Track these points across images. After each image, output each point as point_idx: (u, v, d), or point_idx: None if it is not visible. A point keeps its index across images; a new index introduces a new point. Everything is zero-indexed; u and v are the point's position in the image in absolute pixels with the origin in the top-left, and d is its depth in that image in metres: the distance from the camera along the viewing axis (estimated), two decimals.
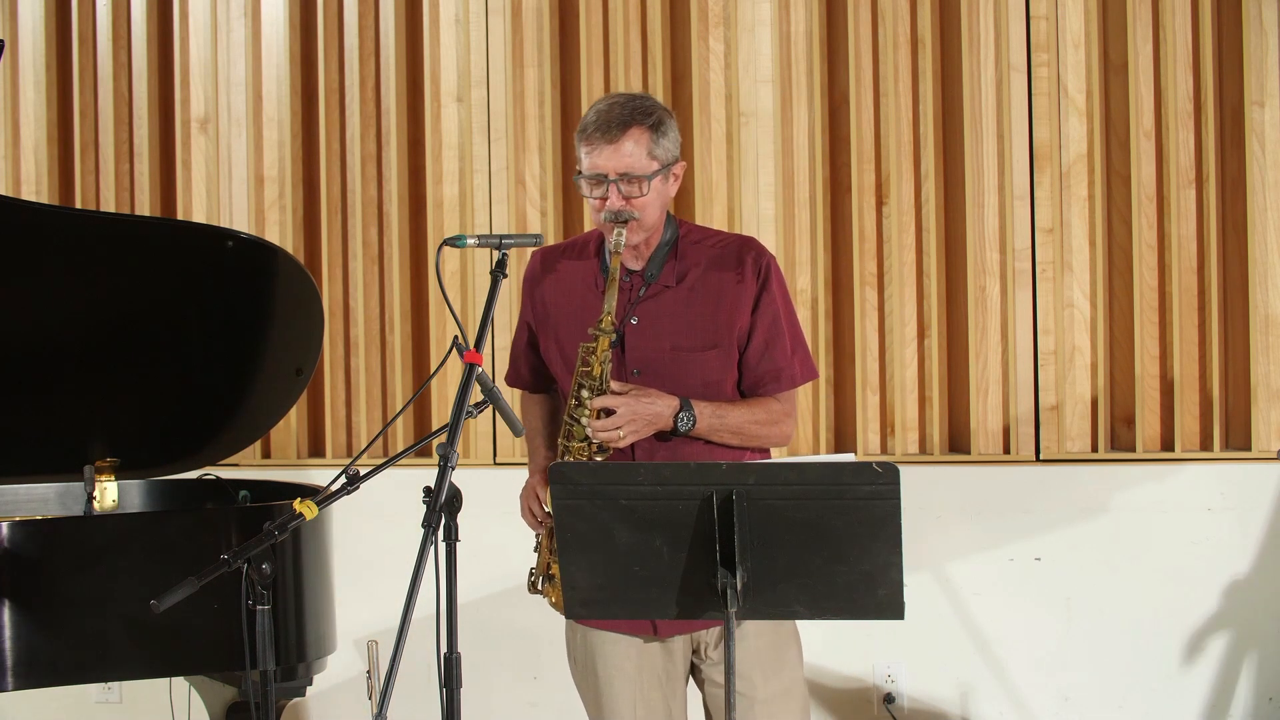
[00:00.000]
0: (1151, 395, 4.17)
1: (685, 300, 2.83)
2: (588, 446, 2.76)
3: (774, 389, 2.86)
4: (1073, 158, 4.19)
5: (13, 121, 4.69)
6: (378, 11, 4.55)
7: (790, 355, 2.87)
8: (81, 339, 3.47)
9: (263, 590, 2.57)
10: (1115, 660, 4.12)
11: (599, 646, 2.89)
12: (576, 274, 2.91)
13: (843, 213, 4.30)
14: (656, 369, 2.80)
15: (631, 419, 2.72)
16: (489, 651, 4.32)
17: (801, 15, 4.30)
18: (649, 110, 2.78)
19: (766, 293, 2.84)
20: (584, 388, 2.75)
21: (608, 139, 2.74)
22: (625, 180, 2.74)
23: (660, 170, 2.77)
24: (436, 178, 4.49)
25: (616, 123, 2.74)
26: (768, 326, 2.84)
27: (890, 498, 2.35)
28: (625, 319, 2.83)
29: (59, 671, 3.16)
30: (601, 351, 2.73)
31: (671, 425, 2.75)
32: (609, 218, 2.75)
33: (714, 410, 2.78)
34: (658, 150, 2.77)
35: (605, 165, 2.74)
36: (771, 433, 2.85)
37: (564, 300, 2.91)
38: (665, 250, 2.86)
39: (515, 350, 3.09)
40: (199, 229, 4.08)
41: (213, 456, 3.78)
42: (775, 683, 2.84)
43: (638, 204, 2.75)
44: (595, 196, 2.78)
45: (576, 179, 2.81)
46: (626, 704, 2.86)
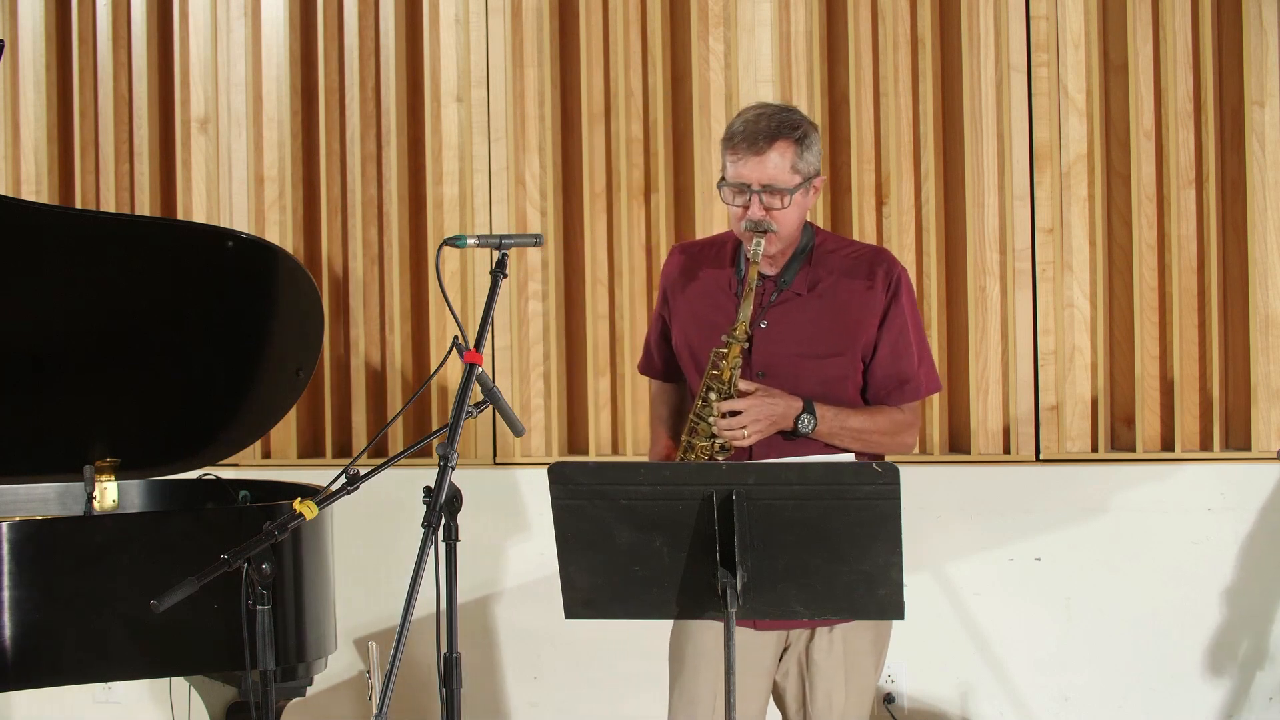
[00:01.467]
0: (1151, 395, 4.16)
1: (815, 308, 2.89)
2: (711, 445, 2.82)
3: (898, 399, 2.92)
4: (1073, 158, 4.19)
5: (13, 121, 4.69)
6: (378, 11, 4.55)
7: (916, 367, 2.94)
8: (81, 339, 3.47)
9: (263, 590, 2.57)
10: (1115, 660, 4.12)
11: (691, 631, 2.93)
12: (712, 277, 2.98)
13: (843, 213, 4.29)
14: (781, 372, 2.86)
15: (756, 419, 2.78)
16: (489, 651, 4.32)
17: (801, 15, 4.30)
18: (795, 124, 2.83)
19: (895, 305, 2.90)
20: (712, 390, 2.82)
21: (754, 150, 2.79)
22: (768, 192, 2.79)
23: (803, 184, 2.83)
24: (436, 178, 4.49)
25: (764, 135, 2.79)
26: (894, 338, 2.90)
27: (890, 498, 2.35)
28: (755, 322, 2.88)
29: (59, 671, 3.16)
30: (733, 358, 2.80)
31: (793, 425, 2.80)
32: (749, 227, 2.80)
33: (836, 414, 2.84)
34: (801, 164, 2.82)
35: (749, 176, 2.79)
36: (893, 442, 2.92)
37: (697, 302, 2.98)
38: (800, 257, 2.92)
39: (649, 341, 3.15)
40: (199, 229, 4.08)
41: (213, 456, 3.78)
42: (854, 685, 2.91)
43: (777, 216, 2.80)
44: (737, 205, 2.83)
45: (720, 185, 2.86)
46: (707, 689, 2.90)
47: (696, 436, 2.84)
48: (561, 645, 4.31)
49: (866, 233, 4.26)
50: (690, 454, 2.84)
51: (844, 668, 2.90)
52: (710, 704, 2.90)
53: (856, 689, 2.92)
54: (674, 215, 4.38)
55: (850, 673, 2.90)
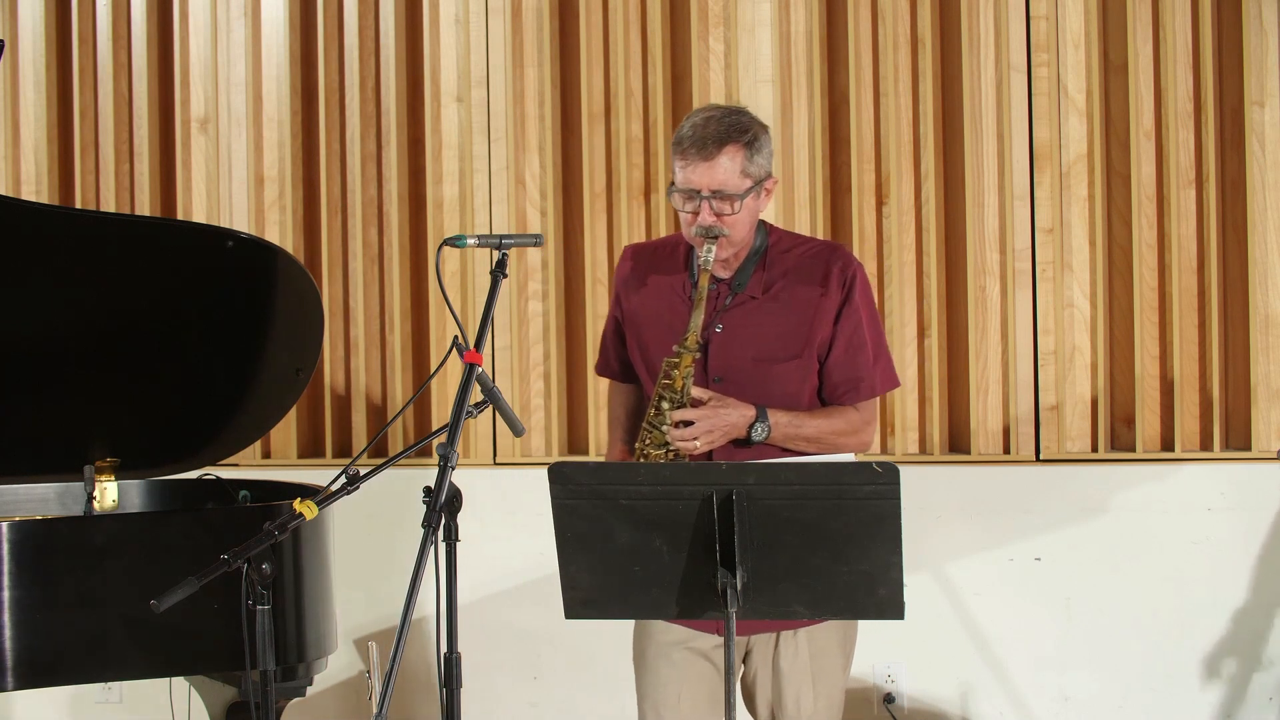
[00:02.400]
0: (1151, 395, 4.17)
1: (770, 311, 2.85)
2: (664, 455, 2.78)
3: (853, 398, 2.88)
4: (1073, 158, 4.19)
5: (13, 121, 4.69)
6: (378, 11, 4.55)
7: (872, 365, 2.89)
8: (81, 339, 3.46)
9: (263, 590, 2.57)
10: (1115, 660, 4.12)
11: (653, 634, 2.91)
12: (665, 280, 2.93)
13: (843, 213, 4.29)
14: (737, 378, 2.82)
15: (709, 430, 2.74)
16: (489, 651, 4.32)
17: (801, 15, 4.30)
18: (745, 127, 2.79)
19: (850, 303, 2.86)
20: (664, 399, 2.77)
21: (703, 155, 2.74)
22: (718, 198, 2.75)
23: (753, 187, 2.79)
24: (436, 178, 4.49)
25: (712, 139, 2.75)
26: (849, 336, 2.86)
27: (890, 498, 2.35)
28: (710, 327, 2.84)
29: (59, 671, 3.16)
30: (685, 367, 2.75)
31: (747, 435, 2.77)
32: (699, 233, 2.76)
33: (790, 419, 2.80)
34: (751, 167, 2.78)
35: (699, 181, 2.76)
36: (850, 441, 2.88)
37: (651, 305, 2.93)
38: (754, 260, 2.87)
39: (605, 341, 3.11)
40: (199, 229, 4.08)
41: (213, 456, 3.78)
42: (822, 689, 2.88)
43: (729, 221, 2.76)
44: (687, 210, 2.79)
45: (670, 191, 2.82)
46: (673, 695, 2.88)
47: (649, 445, 2.79)
48: (561, 645, 4.31)
49: (866, 233, 4.26)
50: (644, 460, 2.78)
51: (811, 670, 2.86)
52: (675, 705, 2.87)
53: (825, 691, 2.88)
54: (673, 215, 4.37)
55: (818, 675, 2.87)
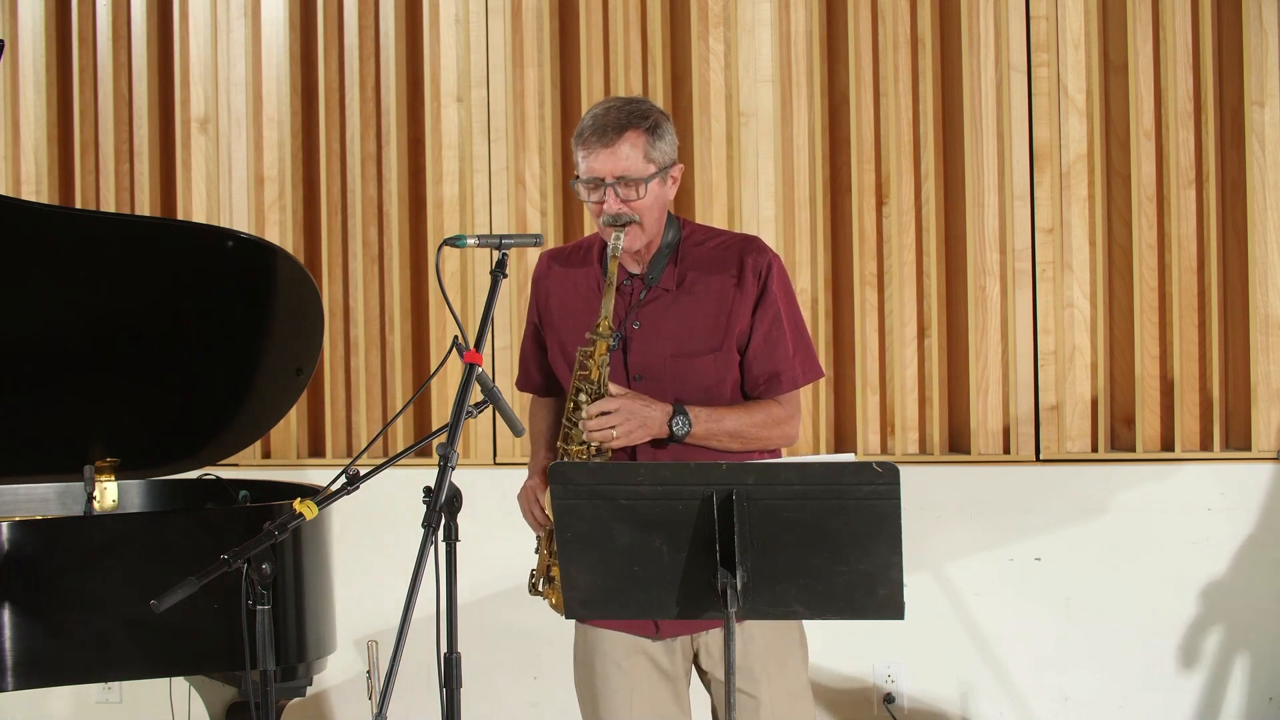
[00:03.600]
0: (1151, 395, 4.17)
1: (686, 304, 2.82)
2: (586, 450, 2.74)
3: (774, 391, 2.84)
4: (1073, 158, 4.19)
5: (13, 121, 4.69)
6: (378, 11, 4.55)
7: (791, 356, 2.85)
8: (82, 339, 3.47)
9: (263, 590, 2.57)
10: (1115, 660, 4.12)
11: (598, 644, 2.88)
12: (580, 278, 2.91)
13: (843, 213, 4.30)
14: (657, 374, 2.79)
15: (626, 419, 2.70)
16: (489, 651, 4.32)
17: (801, 15, 4.30)
18: (645, 113, 2.77)
19: (766, 294, 2.82)
20: (581, 391, 2.74)
21: (604, 143, 2.73)
22: (622, 184, 2.73)
23: (657, 173, 2.77)
24: (436, 178, 4.49)
25: (613, 126, 2.73)
26: (767, 328, 2.83)
27: (890, 498, 2.35)
28: (628, 323, 2.82)
29: (59, 671, 3.16)
30: (599, 355, 2.72)
31: (668, 431, 2.73)
32: (607, 221, 2.75)
33: (710, 415, 2.76)
34: (654, 153, 2.76)
35: (602, 169, 2.74)
36: (773, 434, 2.83)
37: (568, 305, 2.91)
38: (666, 253, 2.85)
39: (524, 354, 3.08)
40: (199, 229, 4.08)
41: (213, 456, 3.78)
42: (780, 684, 2.84)
43: (636, 207, 2.74)
44: (593, 201, 2.77)
45: (574, 184, 2.80)
46: (623, 702, 2.85)
47: (570, 442, 2.76)
48: (561, 645, 4.28)
49: (866, 233, 4.26)
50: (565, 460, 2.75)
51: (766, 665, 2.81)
52: (627, 713, 2.84)
53: (785, 687, 2.84)
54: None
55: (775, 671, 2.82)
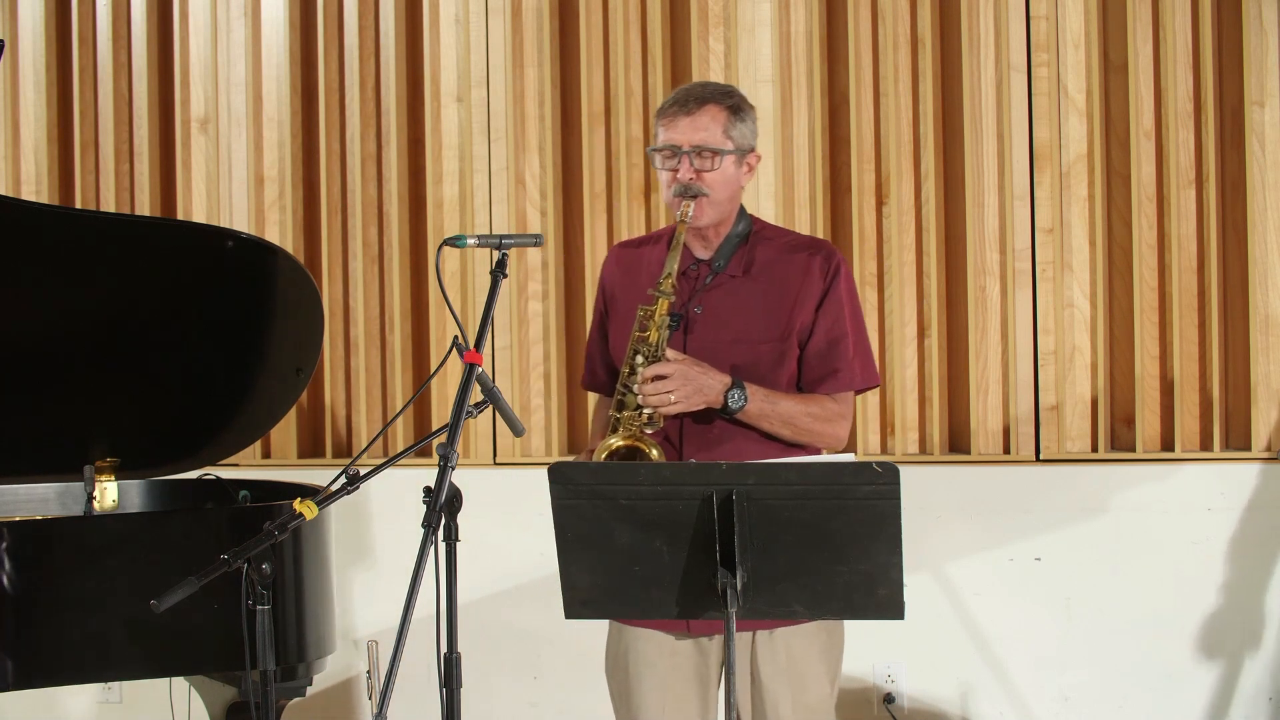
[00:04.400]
0: (1151, 395, 4.16)
1: (750, 292, 2.82)
2: (638, 416, 2.72)
3: (831, 388, 2.84)
4: (1073, 158, 4.19)
5: (13, 121, 4.69)
6: (378, 11, 4.55)
7: (851, 358, 2.85)
8: (82, 339, 3.47)
9: (263, 590, 2.57)
10: (1115, 660, 4.12)
11: (632, 642, 2.88)
12: (647, 261, 2.92)
13: (843, 213, 4.29)
14: (715, 358, 2.77)
15: (683, 383, 2.68)
16: (489, 651, 4.32)
17: (801, 15, 4.30)
18: (730, 93, 2.82)
19: (833, 292, 2.83)
20: (639, 354, 2.73)
21: (685, 111, 2.76)
22: (698, 154, 2.75)
23: (734, 151, 2.78)
24: (436, 178, 4.49)
25: (695, 97, 2.77)
26: (830, 325, 2.83)
27: (890, 498, 2.35)
28: (690, 307, 2.82)
29: (59, 671, 3.16)
30: (659, 315, 2.72)
31: (722, 401, 2.71)
32: (678, 191, 2.75)
33: (766, 395, 2.75)
34: (734, 132, 2.78)
35: (679, 138, 2.76)
36: (824, 430, 2.82)
37: (631, 284, 2.91)
38: (735, 241, 2.86)
39: (590, 351, 3.07)
40: (199, 229, 4.08)
41: (213, 456, 3.78)
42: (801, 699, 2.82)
43: (709, 179, 2.75)
44: (667, 169, 2.78)
45: (650, 152, 2.82)
46: (655, 700, 2.85)
47: (624, 409, 2.74)
48: (561, 645, 4.31)
49: (866, 233, 4.26)
50: (618, 428, 2.73)
51: (788, 676, 2.80)
52: (660, 712, 2.84)
53: (805, 703, 2.82)
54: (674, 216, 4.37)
55: (796, 681, 2.81)
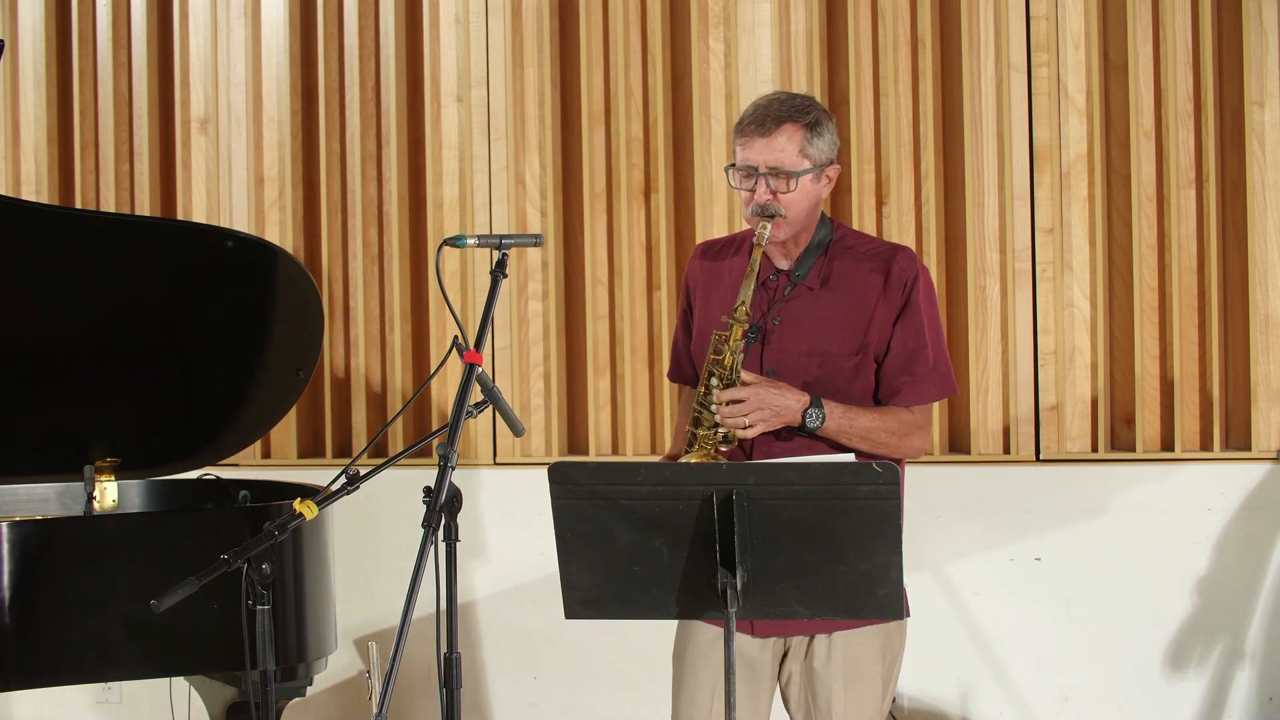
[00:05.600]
0: (1151, 395, 4.16)
1: (828, 304, 2.82)
2: (714, 435, 2.73)
3: (910, 400, 2.83)
4: (1073, 158, 4.19)
5: (13, 121, 4.69)
6: (378, 11, 4.55)
7: (930, 369, 2.85)
8: (82, 339, 3.47)
9: (263, 590, 2.57)
10: (1115, 660, 4.12)
11: (692, 633, 2.89)
12: (728, 269, 2.91)
13: (843, 213, 4.29)
14: (792, 370, 2.78)
15: (759, 407, 2.69)
16: (489, 651, 4.32)
17: (801, 15, 4.30)
18: (806, 109, 2.79)
19: (911, 304, 2.83)
20: (714, 376, 2.74)
21: (762, 132, 2.75)
22: (774, 175, 2.75)
23: (811, 169, 2.78)
24: (436, 178, 4.49)
25: (772, 117, 2.76)
26: (909, 336, 2.83)
27: (890, 498, 2.35)
28: (769, 317, 2.82)
29: (59, 671, 3.16)
30: (734, 340, 2.72)
31: (800, 421, 2.72)
32: (755, 212, 2.76)
33: (844, 411, 2.75)
34: (811, 149, 2.77)
35: (756, 158, 2.75)
36: (901, 444, 2.81)
37: (713, 294, 2.91)
38: (816, 251, 2.86)
39: (676, 345, 3.07)
40: (199, 229, 4.08)
41: (213, 456, 3.78)
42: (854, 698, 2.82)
43: (785, 200, 2.75)
44: (745, 189, 2.78)
45: (727, 170, 2.82)
46: (704, 695, 2.85)
47: (699, 426, 2.75)
48: (561, 645, 4.31)
49: (866, 233, 4.25)
50: (694, 445, 2.75)
51: (844, 676, 2.80)
52: (708, 706, 2.85)
53: (857, 699, 2.81)
54: (674, 215, 4.38)
55: (851, 681, 2.81)
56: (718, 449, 2.75)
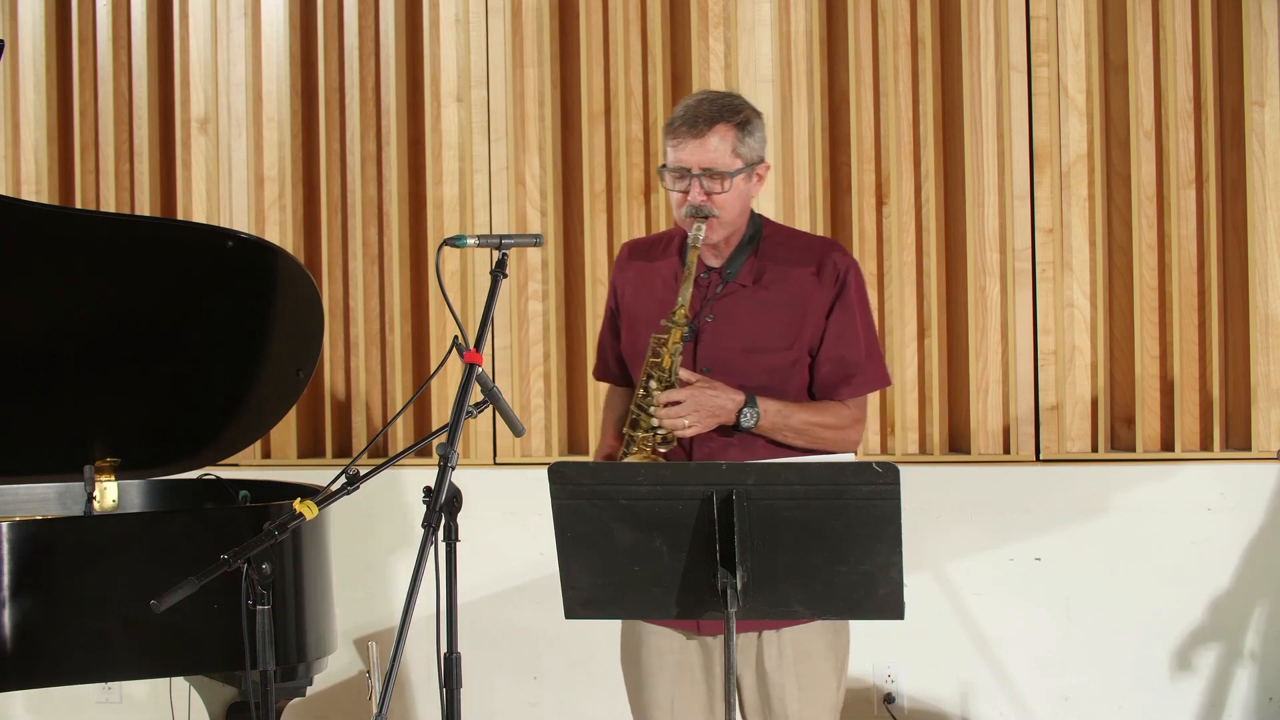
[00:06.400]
0: (1151, 395, 4.16)
1: (761, 300, 2.83)
2: (652, 437, 2.75)
3: (844, 393, 2.85)
4: (1073, 158, 4.19)
5: (13, 121, 4.69)
6: (378, 11, 4.55)
7: (864, 361, 2.86)
8: (82, 339, 3.47)
9: (263, 590, 2.57)
10: (1115, 660, 4.12)
11: (645, 637, 2.90)
12: (657, 269, 2.93)
13: (843, 213, 4.29)
14: (727, 368, 2.80)
15: (696, 409, 2.71)
16: (489, 651, 4.32)
17: (801, 15, 4.30)
18: (737, 108, 2.80)
19: (843, 297, 2.84)
20: (652, 378, 2.75)
21: (694, 133, 2.75)
22: (708, 176, 2.75)
23: (744, 169, 2.78)
24: (436, 178, 4.49)
25: (704, 118, 2.75)
26: (841, 330, 2.84)
27: (890, 498, 2.35)
28: (701, 316, 2.83)
29: (59, 671, 3.16)
30: (673, 343, 2.73)
31: (735, 420, 2.74)
32: (689, 213, 2.76)
33: (780, 409, 2.77)
34: (743, 148, 2.78)
35: (689, 160, 2.76)
36: (838, 437, 2.83)
37: (643, 296, 2.92)
38: (746, 248, 2.86)
39: (601, 343, 3.08)
40: (199, 229, 4.08)
41: (213, 456, 3.78)
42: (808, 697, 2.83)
43: (719, 201, 2.76)
44: (677, 190, 2.78)
45: (660, 171, 2.82)
46: (665, 696, 2.87)
47: (637, 428, 2.76)
48: (561, 645, 4.31)
49: (866, 233, 4.26)
50: (631, 446, 2.76)
51: (796, 674, 2.82)
52: (669, 707, 2.86)
53: (811, 698, 2.83)
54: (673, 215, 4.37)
55: (804, 680, 2.82)
56: (656, 449, 2.76)
